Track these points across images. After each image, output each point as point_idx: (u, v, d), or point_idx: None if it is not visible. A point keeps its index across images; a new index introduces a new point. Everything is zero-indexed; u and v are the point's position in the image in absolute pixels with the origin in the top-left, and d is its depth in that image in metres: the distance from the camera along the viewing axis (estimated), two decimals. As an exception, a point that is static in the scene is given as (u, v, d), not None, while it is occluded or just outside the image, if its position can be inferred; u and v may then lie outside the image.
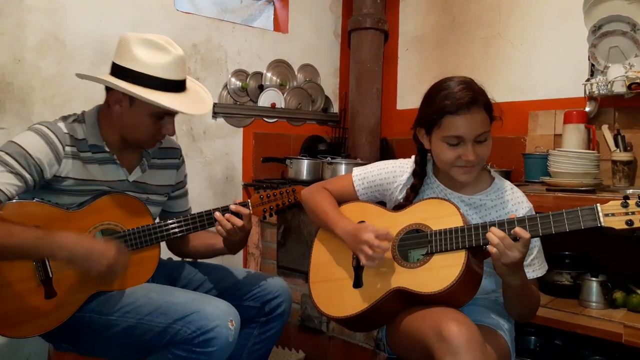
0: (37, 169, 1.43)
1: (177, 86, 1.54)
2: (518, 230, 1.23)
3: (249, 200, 1.64)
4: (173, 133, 1.60)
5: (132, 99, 1.50)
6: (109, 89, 1.54)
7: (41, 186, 1.48)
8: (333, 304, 1.49)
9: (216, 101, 2.76)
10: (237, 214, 1.58)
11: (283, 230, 2.68)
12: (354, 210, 1.55)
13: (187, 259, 1.85)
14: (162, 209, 1.75)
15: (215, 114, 2.75)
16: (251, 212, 1.61)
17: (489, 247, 1.26)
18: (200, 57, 2.69)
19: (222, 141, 2.81)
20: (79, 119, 1.56)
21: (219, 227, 1.58)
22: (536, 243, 1.42)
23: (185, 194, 1.83)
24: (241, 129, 2.88)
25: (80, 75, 1.56)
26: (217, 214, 1.58)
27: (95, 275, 1.40)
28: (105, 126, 1.57)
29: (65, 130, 1.51)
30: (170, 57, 1.52)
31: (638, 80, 1.93)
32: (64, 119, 1.55)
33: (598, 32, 2.07)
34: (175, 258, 1.86)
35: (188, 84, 1.60)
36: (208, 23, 2.73)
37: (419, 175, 1.50)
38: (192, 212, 1.65)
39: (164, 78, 1.50)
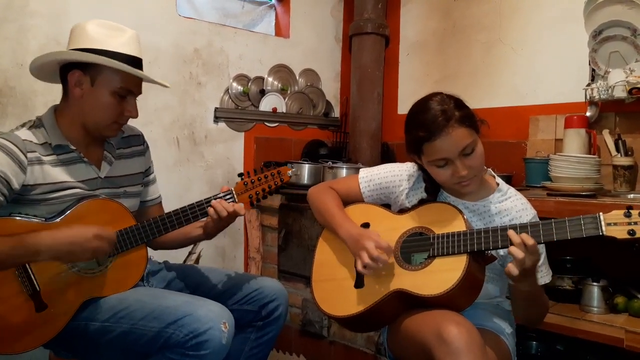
0: (4, 182, 1.38)
1: (137, 62, 1.52)
2: (524, 236, 1.23)
3: (232, 189, 1.60)
4: (136, 115, 1.56)
5: (93, 78, 1.47)
6: (65, 76, 1.50)
7: (14, 200, 1.43)
8: (334, 303, 1.49)
9: (217, 105, 2.77)
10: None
11: (284, 235, 2.68)
12: (359, 211, 1.56)
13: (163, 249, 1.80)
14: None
15: (216, 119, 2.76)
16: (236, 202, 1.57)
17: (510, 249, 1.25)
18: (202, 62, 2.70)
19: (224, 145, 2.81)
20: (36, 124, 1.51)
21: (212, 211, 1.53)
22: (541, 250, 1.41)
23: (154, 180, 1.79)
24: (242, 133, 2.88)
25: (35, 60, 1.50)
26: (220, 199, 1.56)
27: (86, 261, 1.42)
28: (66, 124, 1.52)
29: (24, 137, 1.45)
30: (126, 35, 1.51)
31: (639, 85, 1.94)
32: (20, 127, 1.51)
33: (598, 37, 2.08)
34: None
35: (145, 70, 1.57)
36: (210, 28, 2.74)
37: (430, 192, 1.50)
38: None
39: (124, 53, 1.48)
